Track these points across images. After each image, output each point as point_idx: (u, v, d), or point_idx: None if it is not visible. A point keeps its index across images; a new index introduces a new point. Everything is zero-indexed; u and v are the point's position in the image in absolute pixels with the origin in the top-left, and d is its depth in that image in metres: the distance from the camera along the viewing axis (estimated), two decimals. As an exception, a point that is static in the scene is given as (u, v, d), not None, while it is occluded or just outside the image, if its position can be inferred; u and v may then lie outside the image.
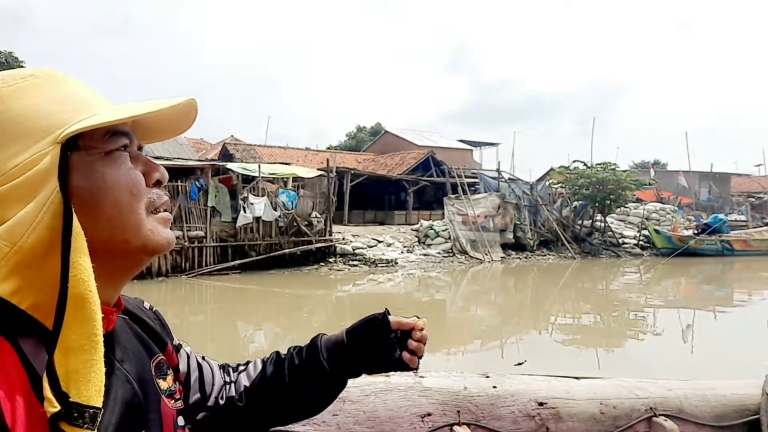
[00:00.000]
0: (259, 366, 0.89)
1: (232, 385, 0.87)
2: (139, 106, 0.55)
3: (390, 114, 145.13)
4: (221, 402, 0.84)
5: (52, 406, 0.45)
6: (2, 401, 0.42)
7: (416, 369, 0.86)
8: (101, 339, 0.49)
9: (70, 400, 0.46)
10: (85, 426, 0.46)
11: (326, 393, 0.88)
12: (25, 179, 0.48)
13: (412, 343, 0.85)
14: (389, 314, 0.88)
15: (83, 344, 0.47)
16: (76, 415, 0.46)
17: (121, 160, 0.55)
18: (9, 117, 0.50)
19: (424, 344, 0.87)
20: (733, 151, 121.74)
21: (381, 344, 0.85)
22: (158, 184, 0.60)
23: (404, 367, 0.85)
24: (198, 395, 0.82)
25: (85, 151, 0.52)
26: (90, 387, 0.47)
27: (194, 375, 0.82)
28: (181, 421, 0.67)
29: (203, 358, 0.87)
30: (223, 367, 0.90)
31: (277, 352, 0.91)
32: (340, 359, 0.85)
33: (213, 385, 0.84)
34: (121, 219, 0.54)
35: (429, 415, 1.30)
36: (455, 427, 1.29)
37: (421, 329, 0.87)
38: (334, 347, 0.87)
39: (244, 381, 0.87)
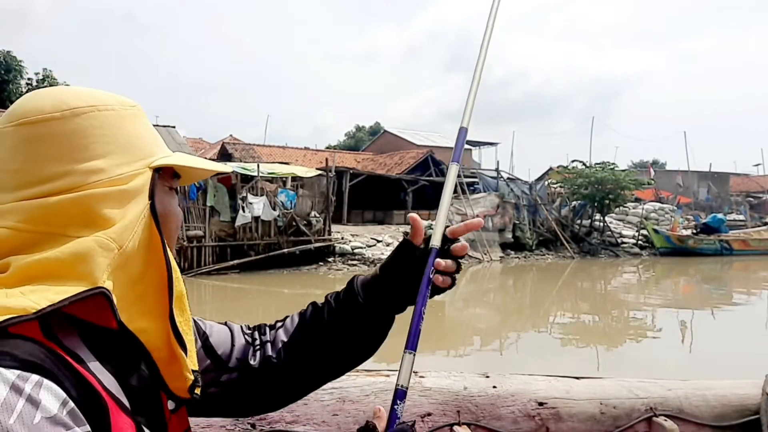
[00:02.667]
0: (296, 319, 0.87)
1: (268, 344, 0.84)
2: (209, 163, 0.72)
3: (389, 113, 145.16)
4: (253, 363, 0.81)
5: (191, 375, 0.60)
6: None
7: (450, 286, 0.79)
8: (192, 322, 0.65)
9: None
10: (198, 386, 0.61)
11: (370, 333, 0.86)
12: (125, 187, 0.57)
13: (440, 263, 0.78)
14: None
15: (186, 329, 0.60)
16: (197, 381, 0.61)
17: (175, 197, 0.68)
18: (123, 133, 0.60)
19: (461, 258, 0.81)
20: (731, 151, 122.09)
21: (415, 270, 0.80)
22: None
23: (438, 290, 0.79)
24: (208, 362, 0.79)
25: (160, 181, 0.64)
26: (194, 357, 0.62)
27: (197, 345, 0.77)
28: (171, 405, 0.62)
29: (218, 323, 0.85)
30: (258, 328, 0.88)
31: (314, 302, 0.89)
32: (376, 294, 0.83)
33: (232, 346, 0.82)
34: (171, 242, 0.65)
35: (429, 415, 1.30)
36: (455, 427, 1.29)
37: (469, 229, 0.83)
38: (370, 283, 0.85)
39: (282, 336, 0.85)
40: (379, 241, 18.12)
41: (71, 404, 0.45)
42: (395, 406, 0.72)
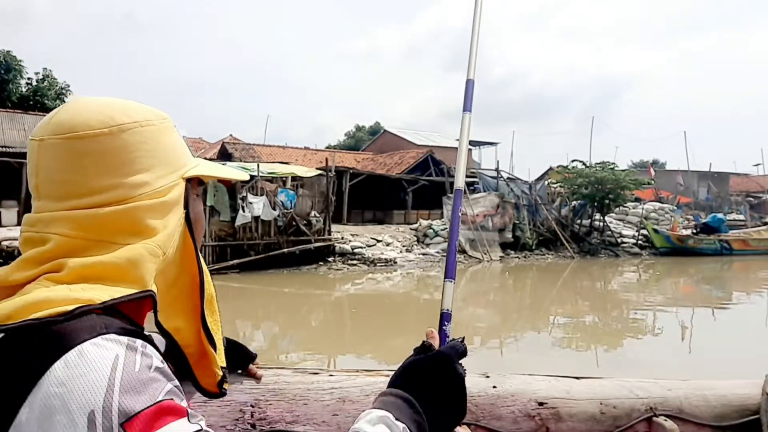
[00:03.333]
0: None
1: None
2: (233, 171, 0.81)
3: (390, 113, 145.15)
4: None
5: (220, 371, 0.70)
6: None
7: None
8: (220, 324, 0.75)
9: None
10: (226, 381, 0.72)
11: None
12: (166, 199, 0.63)
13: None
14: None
15: (215, 328, 0.68)
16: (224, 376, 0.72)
17: (201, 202, 0.75)
18: (161, 147, 0.65)
19: None
20: (731, 151, 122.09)
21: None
22: None
23: None
24: None
25: (191, 189, 0.70)
26: (222, 355, 0.72)
27: None
28: None
29: None
30: None
31: None
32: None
33: None
34: (199, 244, 0.71)
35: (429, 415, 1.30)
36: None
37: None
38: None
39: None
40: (379, 241, 18.13)
41: (164, 363, 0.54)
42: (443, 327, 0.83)
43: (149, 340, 0.54)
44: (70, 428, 0.45)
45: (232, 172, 0.80)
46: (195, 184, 0.72)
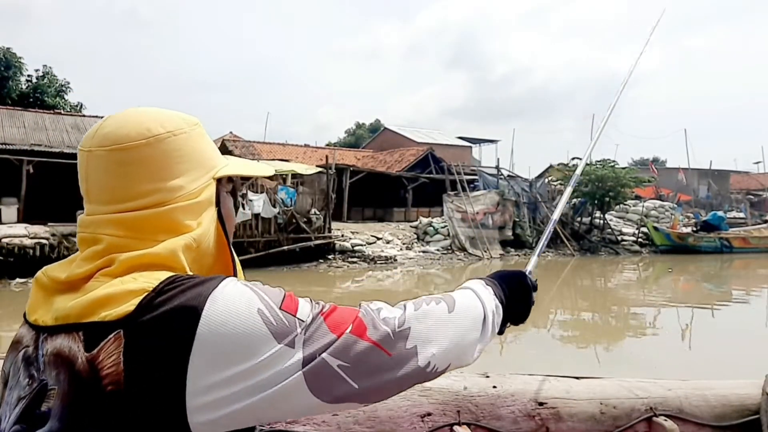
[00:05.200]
0: None
1: None
2: (260, 168, 0.89)
3: (391, 110, 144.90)
4: None
5: None
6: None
7: None
8: None
9: None
10: None
11: None
12: (199, 200, 0.71)
13: None
14: None
15: None
16: None
17: (230, 198, 0.84)
18: (193, 152, 0.72)
19: None
20: (732, 149, 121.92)
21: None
22: None
23: None
24: None
25: (220, 187, 0.77)
26: None
27: None
28: None
29: None
30: None
31: None
32: None
33: None
34: (230, 236, 0.79)
35: (429, 414, 1.30)
36: (455, 427, 1.29)
37: None
38: None
39: None
40: (379, 239, 18.12)
41: None
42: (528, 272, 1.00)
43: None
44: (248, 327, 0.59)
45: (258, 168, 0.88)
46: (225, 182, 0.80)
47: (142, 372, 0.56)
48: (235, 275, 0.74)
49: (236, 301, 0.60)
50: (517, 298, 0.91)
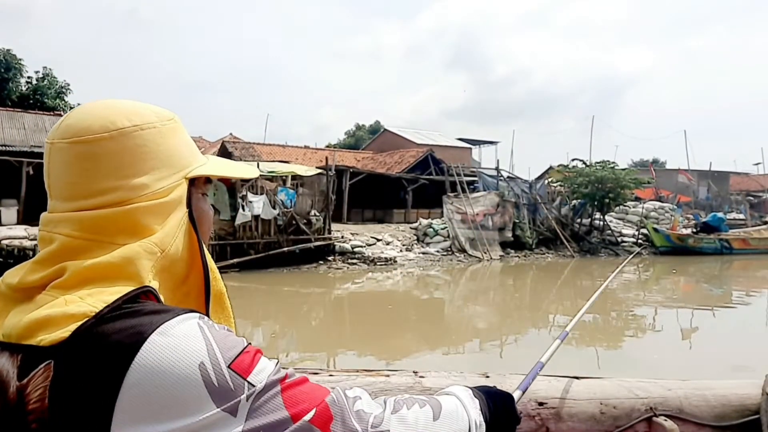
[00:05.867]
0: None
1: None
2: (239, 169, 0.80)
3: (391, 111, 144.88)
4: None
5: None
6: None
7: None
8: (233, 320, 0.78)
9: None
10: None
11: None
12: (167, 200, 0.65)
13: None
14: None
15: (226, 324, 0.65)
16: None
17: (207, 200, 0.76)
18: (162, 149, 0.67)
19: None
20: (732, 150, 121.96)
21: None
22: None
23: None
24: None
25: (194, 188, 0.71)
26: None
27: None
28: None
29: None
30: None
31: None
32: None
33: None
34: (205, 239, 0.73)
35: (429, 415, 1.29)
36: None
37: None
38: None
39: None
40: (379, 240, 18.12)
41: None
42: (535, 371, 1.08)
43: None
44: (183, 382, 0.51)
45: (240, 170, 0.80)
46: (202, 183, 0.74)
47: (65, 411, 0.51)
48: (207, 284, 0.70)
49: (177, 348, 0.53)
50: (500, 422, 0.81)
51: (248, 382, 0.55)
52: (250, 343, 0.59)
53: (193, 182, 0.71)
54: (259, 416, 0.54)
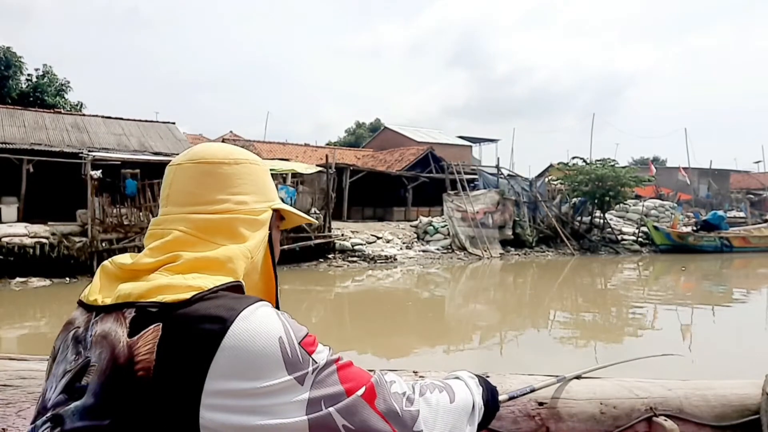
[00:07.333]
0: None
1: None
2: (302, 216, 0.96)
3: (392, 109, 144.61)
4: None
5: None
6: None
7: None
8: None
9: None
10: None
11: None
12: (258, 218, 0.82)
13: None
14: None
15: None
16: None
17: (280, 232, 0.94)
18: (260, 181, 0.85)
19: None
20: (732, 148, 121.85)
21: None
22: None
23: None
24: None
25: (274, 219, 0.87)
26: None
27: None
28: None
29: None
30: None
31: None
32: None
33: None
34: (276, 260, 0.88)
35: (429, 414, 1.29)
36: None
37: None
38: None
39: None
40: (379, 238, 18.13)
41: None
42: (528, 389, 1.26)
43: None
44: (265, 351, 0.64)
45: (303, 216, 0.97)
46: (278, 217, 0.90)
47: (170, 364, 0.62)
48: (277, 298, 0.86)
49: (262, 324, 0.65)
50: (488, 408, 0.97)
51: (312, 359, 0.67)
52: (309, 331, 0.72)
53: (273, 214, 0.87)
54: (321, 387, 0.66)
